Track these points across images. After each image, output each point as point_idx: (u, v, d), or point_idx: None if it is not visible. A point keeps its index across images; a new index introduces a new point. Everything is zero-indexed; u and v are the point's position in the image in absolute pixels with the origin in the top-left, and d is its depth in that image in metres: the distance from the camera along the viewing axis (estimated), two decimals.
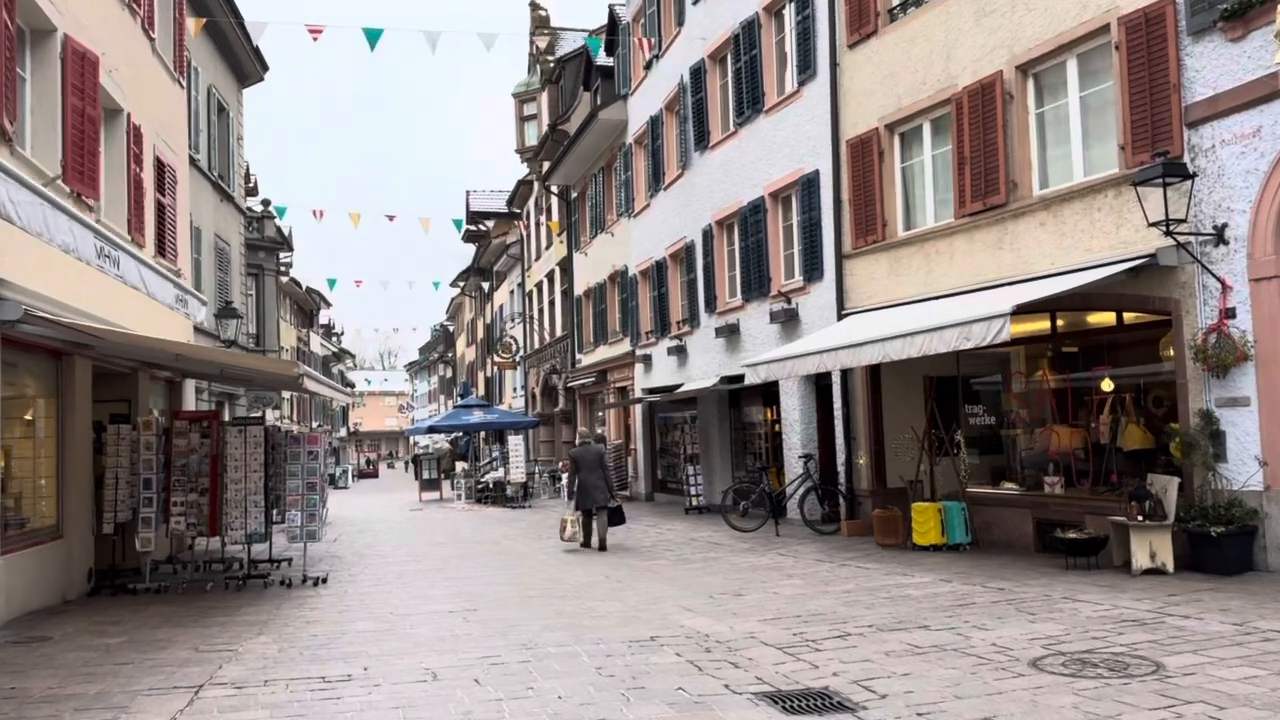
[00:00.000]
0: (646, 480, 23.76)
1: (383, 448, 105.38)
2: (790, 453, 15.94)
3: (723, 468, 19.17)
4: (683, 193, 20.26)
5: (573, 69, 31.98)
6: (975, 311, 9.94)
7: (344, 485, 50.62)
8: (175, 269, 15.31)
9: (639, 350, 23.42)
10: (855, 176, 14.05)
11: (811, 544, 13.24)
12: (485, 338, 50.77)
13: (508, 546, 15.26)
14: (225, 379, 15.92)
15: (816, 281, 15.06)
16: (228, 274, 22.16)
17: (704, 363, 19.32)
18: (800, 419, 15.69)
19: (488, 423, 30.77)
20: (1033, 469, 12.22)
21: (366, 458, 78.98)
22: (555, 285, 33.63)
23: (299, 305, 57.48)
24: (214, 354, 9.54)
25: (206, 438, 11.41)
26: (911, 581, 9.73)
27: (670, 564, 12.08)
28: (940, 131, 12.87)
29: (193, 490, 11.35)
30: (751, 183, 17.05)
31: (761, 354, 16.30)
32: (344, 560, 14.11)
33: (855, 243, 14.10)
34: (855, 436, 14.25)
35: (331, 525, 21.21)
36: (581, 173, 28.53)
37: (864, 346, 11.02)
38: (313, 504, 11.47)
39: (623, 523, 14.54)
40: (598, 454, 14.41)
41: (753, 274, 16.98)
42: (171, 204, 15.42)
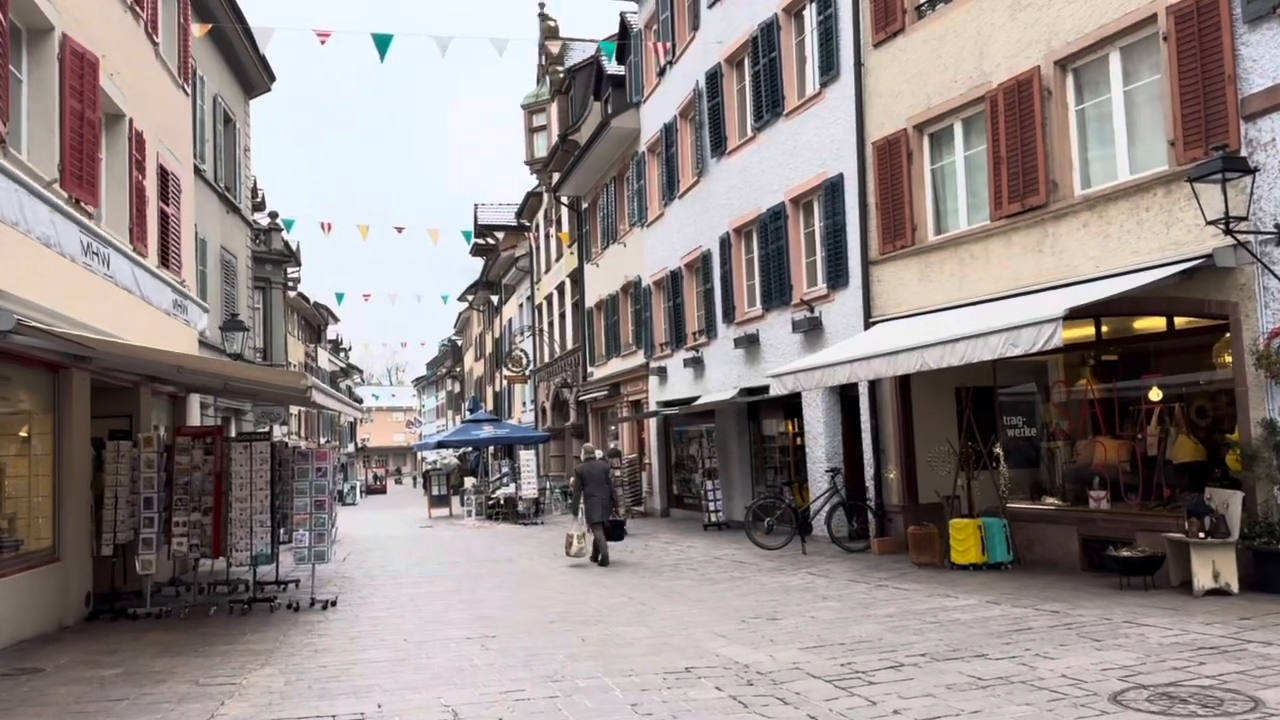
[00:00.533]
0: (662, 495, 23.20)
1: (390, 463, 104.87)
2: (814, 467, 15.38)
3: (742, 482, 18.61)
4: (698, 200, 19.78)
5: (583, 79, 31.59)
6: (1018, 317, 9.41)
7: (352, 501, 50.14)
8: (180, 280, 14.86)
9: (653, 362, 22.90)
10: (882, 179, 13.54)
11: (841, 562, 12.67)
12: (494, 352, 50.32)
13: (523, 565, 14.71)
14: (231, 393, 15.43)
15: (841, 289, 14.54)
16: (234, 287, 21.73)
17: (722, 374, 18.78)
18: (824, 431, 15.14)
19: (497, 438, 30.23)
20: (1075, 483, 11.64)
21: (374, 473, 78.43)
22: (566, 297, 33.15)
23: (306, 320, 57.18)
24: (218, 365, 9.06)
25: (210, 455, 10.91)
26: (957, 604, 9.15)
27: (695, 584, 11.51)
28: (973, 131, 12.36)
29: (196, 510, 10.84)
30: (771, 188, 16.56)
31: (785, 364, 15.78)
32: (354, 581, 13.57)
33: (883, 248, 13.57)
34: (884, 449, 13.68)
35: (341, 543, 20.68)
36: (592, 183, 28.08)
37: (900, 355, 10.48)
38: (321, 523, 10.94)
39: (622, 539, 14.88)
40: (603, 469, 14.63)
41: (773, 282, 16.46)
42: (176, 214, 14.98)
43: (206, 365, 9.05)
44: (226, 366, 8.70)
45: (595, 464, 14.78)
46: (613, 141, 24.73)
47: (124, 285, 8.93)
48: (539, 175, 35.61)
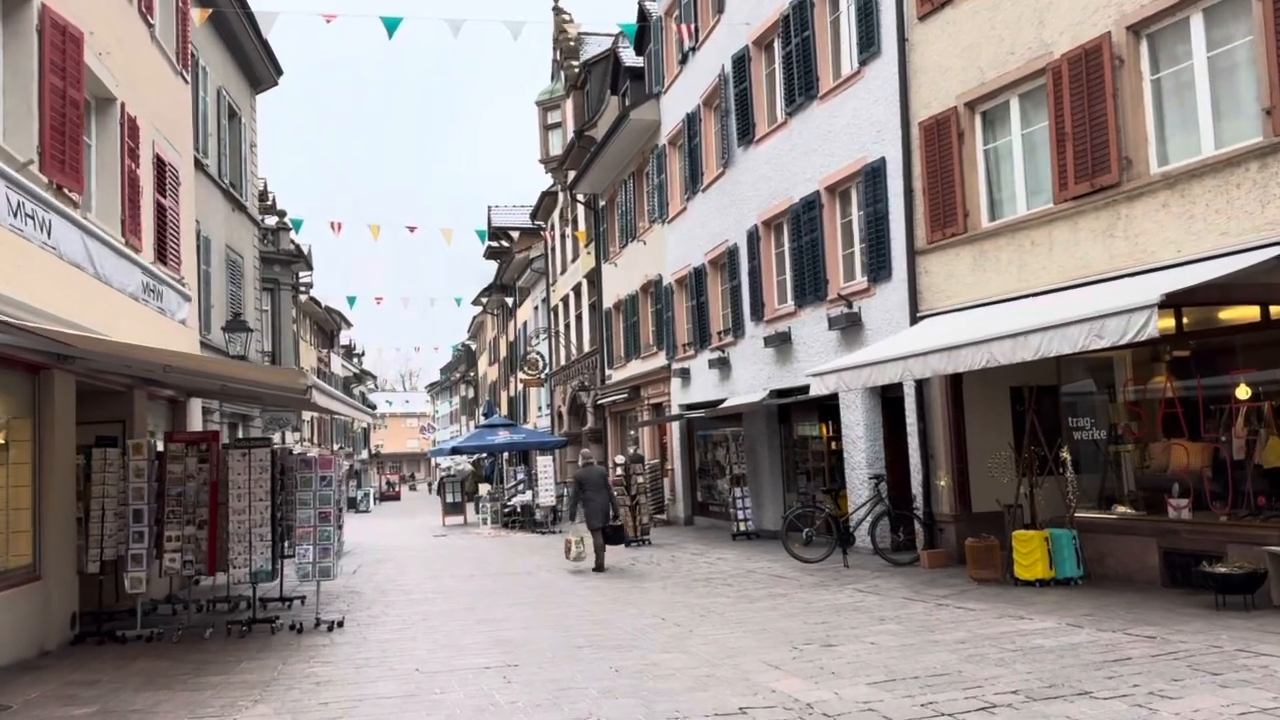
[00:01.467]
0: (685, 503, 22.22)
1: (404, 469, 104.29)
2: (854, 473, 14.38)
3: (773, 489, 17.62)
4: (724, 193, 18.83)
5: (599, 73, 30.72)
6: (1099, 305, 8.42)
7: (365, 509, 49.34)
8: (178, 277, 14.00)
9: (675, 364, 21.94)
10: (930, 162, 12.56)
11: (891, 578, 11.67)
12: (508, 356, 49.48)
13: (543, 580, 13.77)
14: (230, 396, 14.57)
15: (883, 282, 13.56)
16: (240, 288, 20.88)
17: (750, 375, 17.81)
18: (865, 435, 14.14)
19: (513, 443, 29.32)
20: (1151, 490, 10.63)
21: (388, 480, 77.69)
22: (583, 298, 32.25)
23: (319, 325, 56.49)
24: (207, 363, 8.16)
25: (205, 463, 10.01)
26: (1034, 627, 8.16)
27: (733, 602, 10.54)
28: (1032, 107, 11.37)
29: (189, 523, 9.94)
30: (804, 177, 15.59)
31: (821, 363, 14.80)
32: (363, 597, 12.66)
33: (931, 236, 12.59)
34: (933, 454, 12.69)
35: (351, 554, 19.79)
36: (610, 180, 27.18)
37: (963, 350, 9.49)
38: (326, 537, 10.03)
39: (620, 543, 15.22)
40: (601, 474, 14.93)
41: (807, 277, 15.49)
42: (174, 207, 14.13)
43: (196, 363, 8.14)
44: (216, 365, 7.81)
45: (593, 469, 15.02)
46: (631, 135, 23.82)
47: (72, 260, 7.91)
48: (554, 174, 34.75)
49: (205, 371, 8.52)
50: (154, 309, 10.75)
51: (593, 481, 14.51)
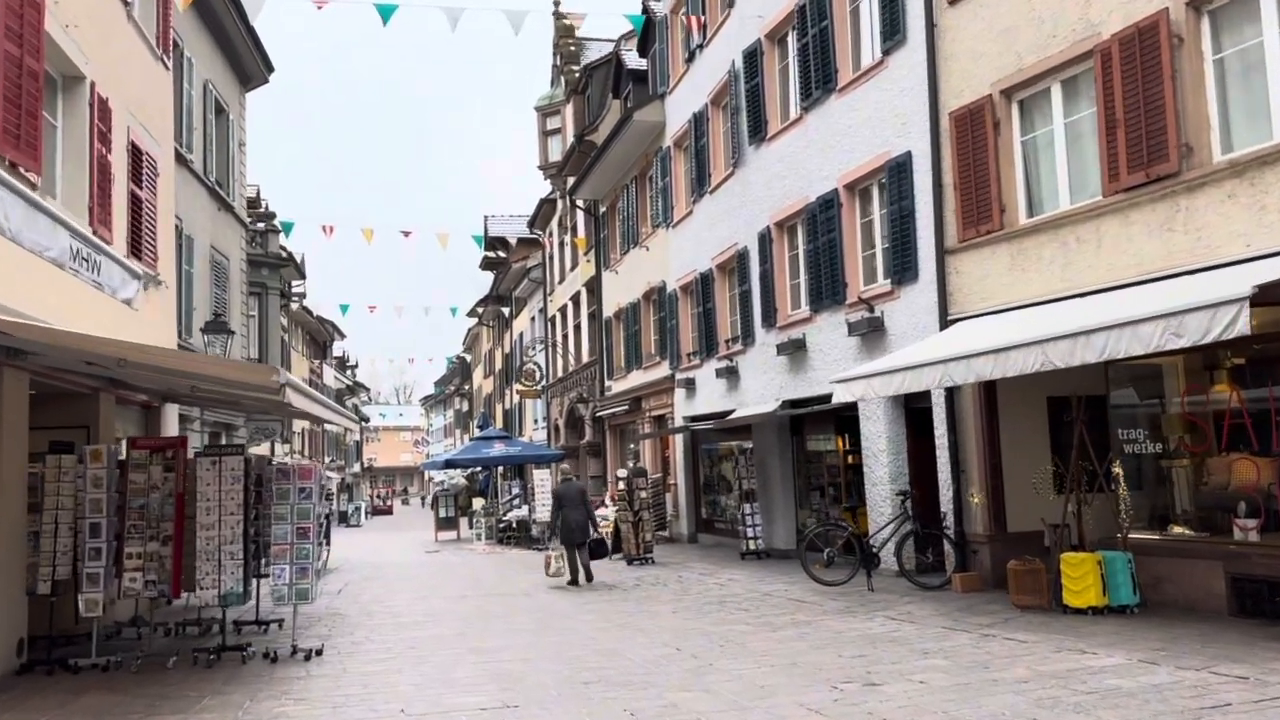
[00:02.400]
0: (689, 519, 21.26)
1: (397, 483, 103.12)
2: (875, 489, 13.45)
3: (785, 506, 16.67)
4: (733, 194, 17.97)
5: (600, 77, 29.94)
6: (1157, 305, 7.53)
7: (356, 523, 48.34)
8: (154, 273, 13.08)
9: (680, 374, 21.03)
10: (961, 155, 11.69)
11: (922, 603, 10.72)
12: (504, 368, 48.55)
13: (543, 602, 12.79)
14: (209, 402, 13.62)
15: (909, 284, 12.67)
16: (226, 291, 19.94)
17: (761, 385, 16.89)
18: (888, 448, 13.22)
19: (509, 456, 28.36)
20: (1210, 509, 9.71)
21: (380, 494, 76.54)
22: (581, 308, 31.35)
23: (311, 336, 55.53)
24: (164, 356, 7.18)
25: (171, 472, 9.05)
26: (1101, 664, 7.22)
27: (753, 629, 9.59)
28: (1076, 94, 10.52)
29: (153, 538, 8.97)
30: (821, 175, 14.73)
31: (838, 372, 13.90)
32: (346, 620, 11.68)
33: (963, 234, 11.71)
34: (965, 469, 11.76)
35: (337, 571, 18.79)
36: (611, 184, 26.33)
37: (1012, 352, 8.58)
38: (305, 555, 9.06)
39: (603, 557, 15.15)
40: (580, 490, 15.00)
41: (824, 280, 14.59)
42: (150, 199, 13.21)
43: (153, 357, 7.18)
44: (177, 359, 6.85)
45: (572, 485, 15.08)
46: (634, 137, 22.98)
47: None
48: (553, 180, 33.92)
49: (165, 367, 7.56)
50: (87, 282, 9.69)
51: (570, 497, 14.62)
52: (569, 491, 14.77)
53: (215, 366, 6.82)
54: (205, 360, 6.34)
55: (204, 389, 9.78)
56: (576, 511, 14.48)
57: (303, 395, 7.20)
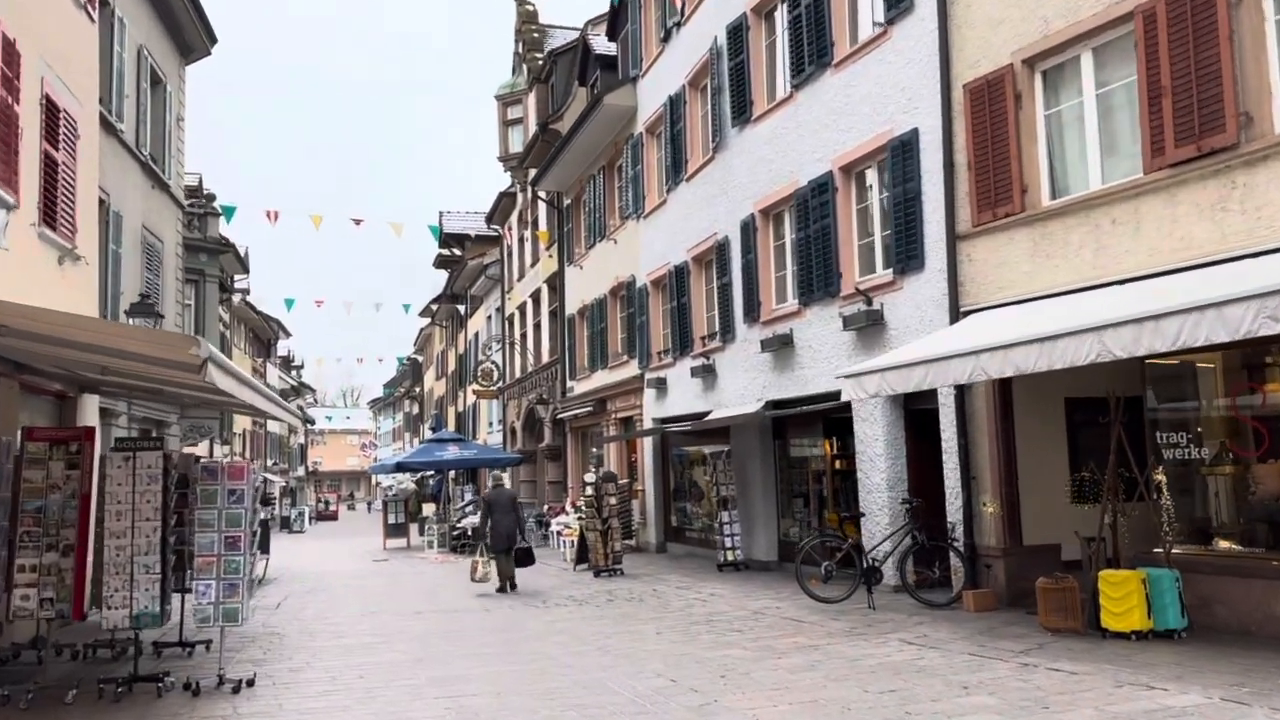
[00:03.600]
0: (658, 528, 20.06)
1: (344, 488, 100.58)
2: (871, 496, 12.38)
3: (766, 514, 15.55)
4: (712, 181, 16.85)
5: (565, 63, 28.72)
6: (1218, 290, 6.53)
7: (300, 529, 46.34)
8: (71, 247, 11.59)
9: (650, 373, 19.85)
10: (977, 132, 10.68)
11: (936, 624, 9.63)
12: (457, 369, 47.03)
13: (506, 617, 11.50)
14: (121, 388, 12.14)
15: (913, 273, 11.63)
16: (159, 275, 18.33)
17: (741, 385, 15.77)
18: (885, 452, 12.16)
19: (464, 460, 26.95)
20: (1262, 522, 8.75)
21: (325, 499, 74.31)
22: (542, 306, 30.05)
23: (255, 333, 53.48)
24: (53, 321, 5.72)
25: (76, 469, 7.65)
26: (1180, 703, 6.15)
27: (754, 655, 8.41)
28: (1110, 62, 9.54)
29: (51, 548, 7.56)
30: (813, 157, 13.66)
31: (830, 369, 12.84)
32: (285, 641, 10.29)
33: (977, 218, 10.69)
34: (976, 476, 10.73)
35: (276, 582, 17.28)
36: (577, 175, 25.10)
37: (1062, 341, 7.52)
38: (234, 569, 7.70)
39: (531, 564, 15.09)
40: (510, 496, 15.25)
41: (815, 271, 13.51)
42: (69, 163, 11.73)
43: (27, 320, 5.75)
44: (66, 325, 5.47)
45: (502, 491, 15.33)
46: (603, 124, 21.78)
47: None
48: (514, 172, 32.59)
49: (55, 336, 6.16)
50: None
51: (501, 504, 14.82)
52: (500, 498, 14.96)
53: (119, 335, 5.51)
54: (106, 328, 5.08)
55: (118, 372, 8.35)
56: (507, 518, 14.63)
57: (231, 377, 5.88)
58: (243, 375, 6.17)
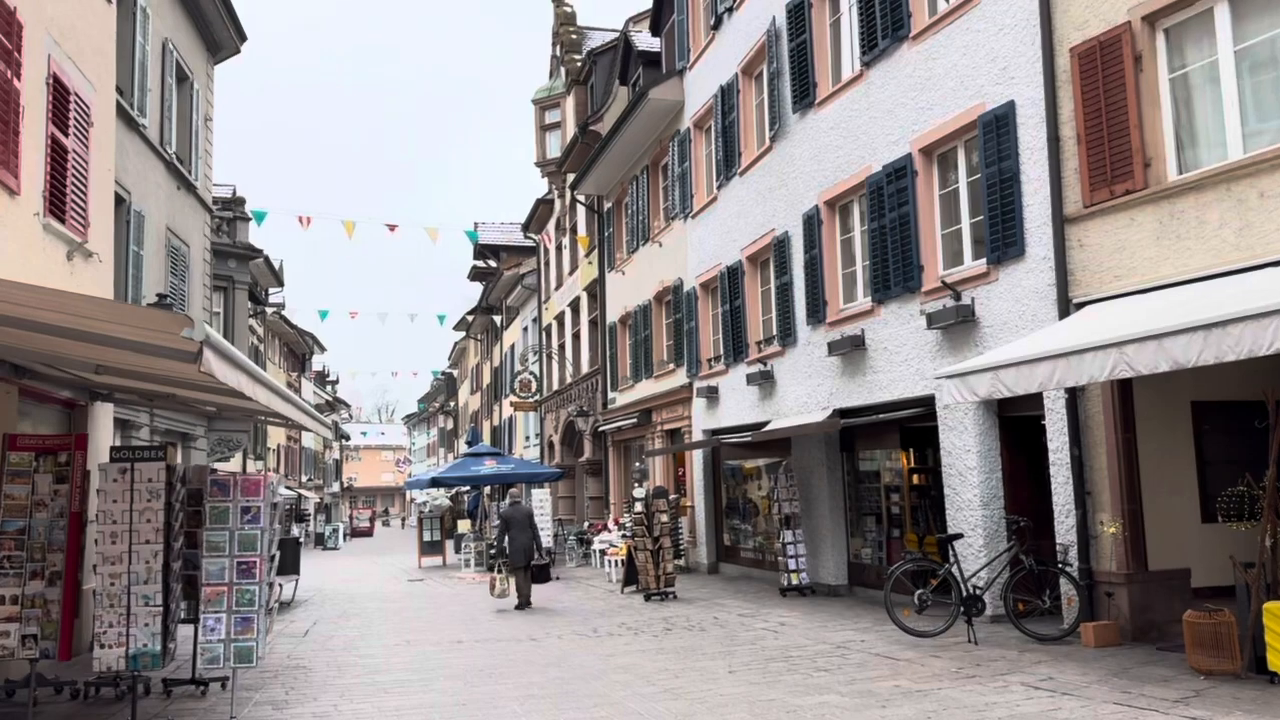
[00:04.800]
0: (709, 547, 18.80)
1: (378, 504, 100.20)
2: (961, 514, 11.09)
3: (834, 533, 14.24)
4: (770, 173, 15.66)
5: (605, 63, 27.75)
6: None
7: (334, 545, 45.55)
8: (80, 241, 10.62)
9: (699, 382, 18.65)
10: (1088, 100, 9.41)
11: (1057, 662, 8.31)
12: (492, 383, 46.07)
13: (558, 650, 10.31)
14: (132, 395, 11.16)
15: (1011, 263, 10.35)
16: (185, 280, 17.46)
17: (804, 392, 14.52)
18: (978, 465, 10.85)
19: (501, 474, 25.79)
20: None
21: (360, 515, 73.68)
22: (581, 314, 28.98)
23: (290, 347, 53.01)
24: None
25: (65, 483, 6.59)
26: None
27: (855, 704, 7.15)
28: (1252, 12, 8.26)
29: (36, 575, 6.50)
30: (888, 140, 12.44)
31: (912, 372, 11.60)
32: (310, 676, 9.17)
33: (1090, 197, 9.41)
34: (1092, 491, 9.41)
35: (306, 604, 16.24)
36: (618, 177, 24.02)
37: (1234, 326, 6.22)
38: (248, 600, 6.59)
39: (548, 580, 15.41)
40: (527, 513, 15.10)
41: (891, 265, 12.27)
42: (80, 151, 10.80)
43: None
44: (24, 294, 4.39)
45: (519, 508, 15.22)
46: (647, 121, 20.70)
47: None
48: (551, 178, 31.64)
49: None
50: None
51: (518, 520, 14.83)
52: (516, 514, 14.92)
53: (90, 312, 4.41)
54: (73, 302, 4.04)
55: (116, 370, 7.29)
56: (523, 534, 14.65)
57: (236, 368, 4.77)
58: (251, 367, 5.07)
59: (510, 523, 14.85)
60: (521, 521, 14.82)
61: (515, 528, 14.73)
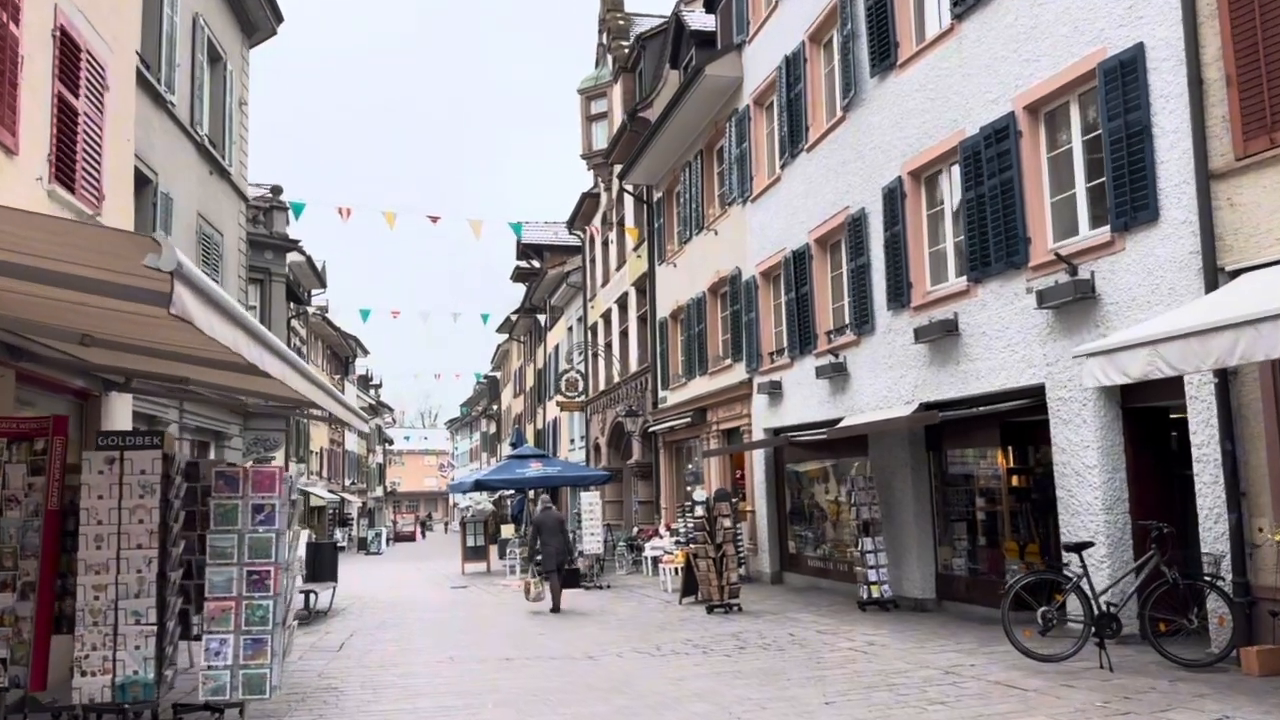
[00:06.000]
0: (772, 555, 17.48)
1: (421, 509, 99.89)
2: (1075, 519, 9.70)
3: (920, 541, 12.86)
4: (843, 147, 14.36)
5: (655, 48, 26.59)
6: None
7: (377, 550, 44.88)
8: (91, 213, 9.63)
9: (760, 377, 17.36)
10: (1239, 34, 8.03)
11: (1223, 695, 6.92)
12: (536, 385, 45.08)
13: (620, 672, 9.09)
14: (155, 383, 10.13)
15: (1142, 228, 8.97)
16: (218, 271, 16.54)
17: (884, 385, 13.19)
18: (1100, 463, 9.46)
19: (548, 477, 24.65)
20: None
21: (403, 519, 73.04)
22: (629, 311, 27.80)
23: (333, 350, 52.50)
24: None
25: (41, 475, 5.50)
26: None
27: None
28: None
29: (4, 587, 5.41)
30: (985, 98, 11.09)
31: (1013, 357, 10.25)
32: (342, 700, 8.03)
33: (1243, 148, 8.01)
34: (1247, 492, 8.00)
35: (345, 613, 15.20)
36: (669, 164, 22.81)
37: None
38: (260, 617, 5.45)
39: (576, 585, 16.43)
40: (558, 519, 15.64)
41: (991, 238, 10.91)
42: (92, 115, 9.82)
43: None
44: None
45: (550, 514, 15.68)
46: (702, 101, 19.47)
47: None
48: (597, 171, 30.52)
49: None
50: None
51: (549, 526, 15.20)
52: (548, 520, 15.36)
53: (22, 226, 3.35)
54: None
55: (100, 344, 6.18)
56: (554, 539, 15.00)
57: (227, 319, 3.61)
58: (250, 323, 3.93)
59: (542, 528, 15.21)
60: (553, 527, 15.18)
61: (547, 533, 15.04)
